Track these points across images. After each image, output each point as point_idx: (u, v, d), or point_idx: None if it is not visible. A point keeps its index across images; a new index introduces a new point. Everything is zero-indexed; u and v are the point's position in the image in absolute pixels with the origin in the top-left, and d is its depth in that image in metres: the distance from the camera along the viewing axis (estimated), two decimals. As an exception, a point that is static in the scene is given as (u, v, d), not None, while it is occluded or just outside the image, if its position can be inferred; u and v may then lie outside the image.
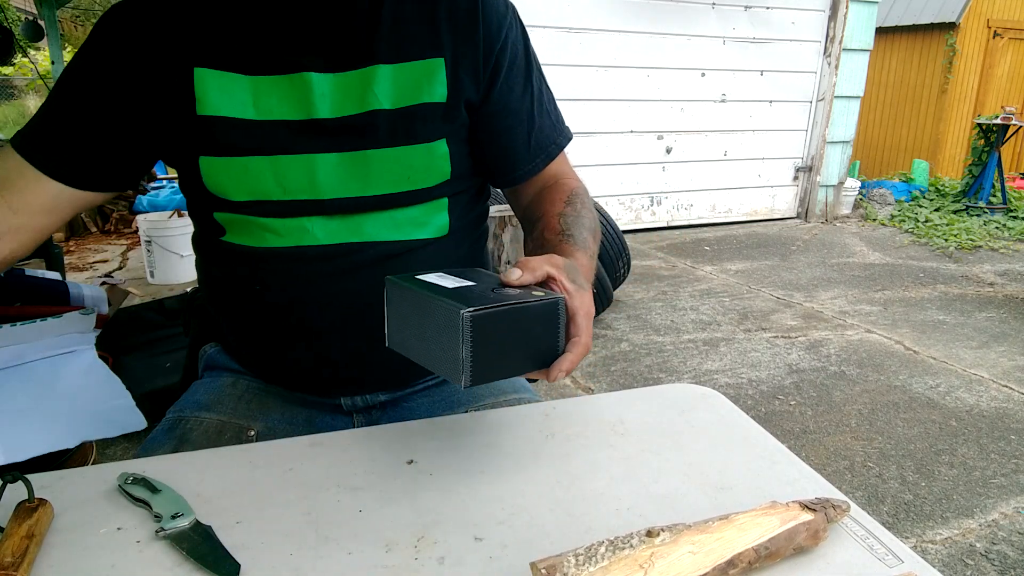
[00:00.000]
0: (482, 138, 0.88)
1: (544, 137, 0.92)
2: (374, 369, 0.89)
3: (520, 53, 0.89)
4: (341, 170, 0.80)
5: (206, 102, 0.77)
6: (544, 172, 0.93)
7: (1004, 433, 2.40)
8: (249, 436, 0.87)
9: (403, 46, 0.81)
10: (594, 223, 0.86)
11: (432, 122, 0.82)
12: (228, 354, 0.97)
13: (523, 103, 0.89)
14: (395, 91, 0.81)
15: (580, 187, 0.92)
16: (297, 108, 0.79)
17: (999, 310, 3.74)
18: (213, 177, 0.79)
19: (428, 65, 0.82)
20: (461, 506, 0.65)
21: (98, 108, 0.79)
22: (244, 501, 0.65)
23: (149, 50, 0.77)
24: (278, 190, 0.79)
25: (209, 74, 0.77)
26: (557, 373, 0.63)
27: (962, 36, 8.35)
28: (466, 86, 0.84)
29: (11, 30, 4.52)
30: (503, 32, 0.85)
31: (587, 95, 4.80)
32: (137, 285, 3.77)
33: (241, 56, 0.78)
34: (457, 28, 0.83)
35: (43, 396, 1.10)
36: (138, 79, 0.78)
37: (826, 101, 5.55)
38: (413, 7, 0.82)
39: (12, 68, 9.06)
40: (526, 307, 0.61)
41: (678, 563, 0.52)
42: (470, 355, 0.58)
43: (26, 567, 0.54)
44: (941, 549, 1.79)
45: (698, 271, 4.38)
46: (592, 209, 0.89)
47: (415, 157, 0.82)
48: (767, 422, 2.44)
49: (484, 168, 0.92)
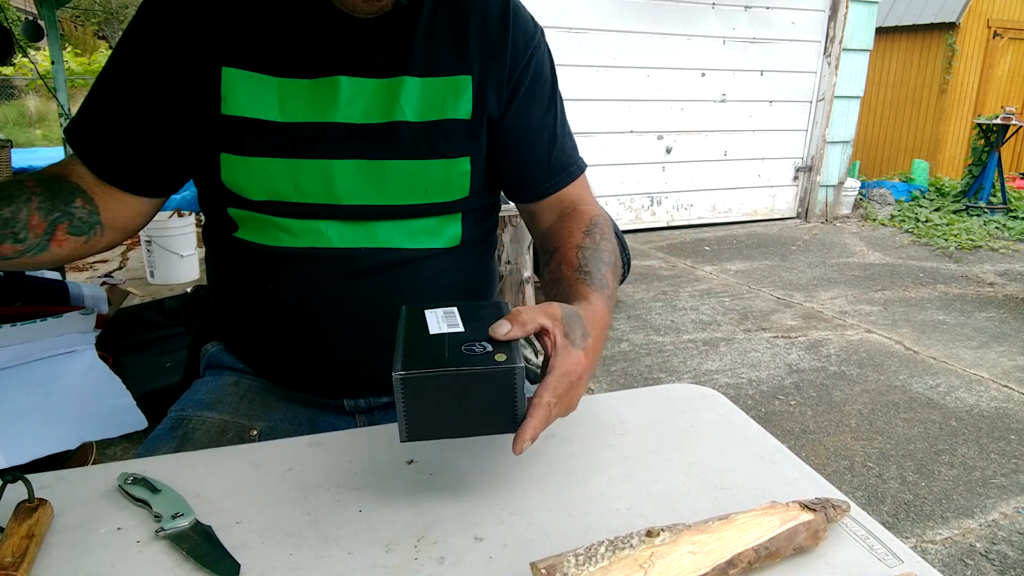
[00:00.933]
0: (502, 152, 0.88)
1: (565, 156, 0.92)
2: (379, 372, 0.89)
3: (546, 73, 0.90)
4: (359, 177, 0.81)
5: (231, 101, 0.78)
6: (563, 194, 0.92)
7: (1004, 433, 2.40)
8: (252, 436, 0.87)
9: (433, 61, 0.82)
10: (613, 256, 0.84)
11: (455, 139, 0.83)
12: (231, 353, 0.97)
13: (546, 120, 0.90)
14: (421, 104, 0.81)
15: (601, 215, 0.90)
16: (322, 112, 0.79)
17: (999, 310, 3.75)
18: (231, 174, 0.80)
19: (455, 82, 0.82)
20: (461, 506, 0.65)
21: (150, 111, 0.80)
22: (244, 501, 0.65)
23: (180, 44, 0.78)
24: (295, 192, 0.80)
25: (237, 74, 0.78)
26: (520, 445, 0.60)
27: (962, 36, 8.35)
28: (490, 102, 0.84)
29: (11, 30, 4.52)
30: (529, 50, 0.86)
31: (587, 95, 4.80)
32: (137, 285, 3.77)
33: (270, 58, 0.78)
34: (486, 45, 0.84)
35: (43, 397, 1.10)
36: (171, 73, 0.78)
37: (826, 101, 5.56)
38: (446, 21, 0.83)
39: (12, 68, 9.06)
40: (471, 374, 0.58)
41: (678, 563, 0.53)
42: (404, 412, 0.59)
43: (26, 567, 0.54)
44: (941, 549, 1.79)
45: (698, 271, 4.38)
46: (612, 239, 0.86)
47: (435, 171, 0.83)
48: (767, 422, 2.44)
49: (502, 182, 0.93)
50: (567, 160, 0.92)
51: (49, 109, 9.94)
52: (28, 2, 6.41)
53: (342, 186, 0.80)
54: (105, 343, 2.35)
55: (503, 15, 0.85)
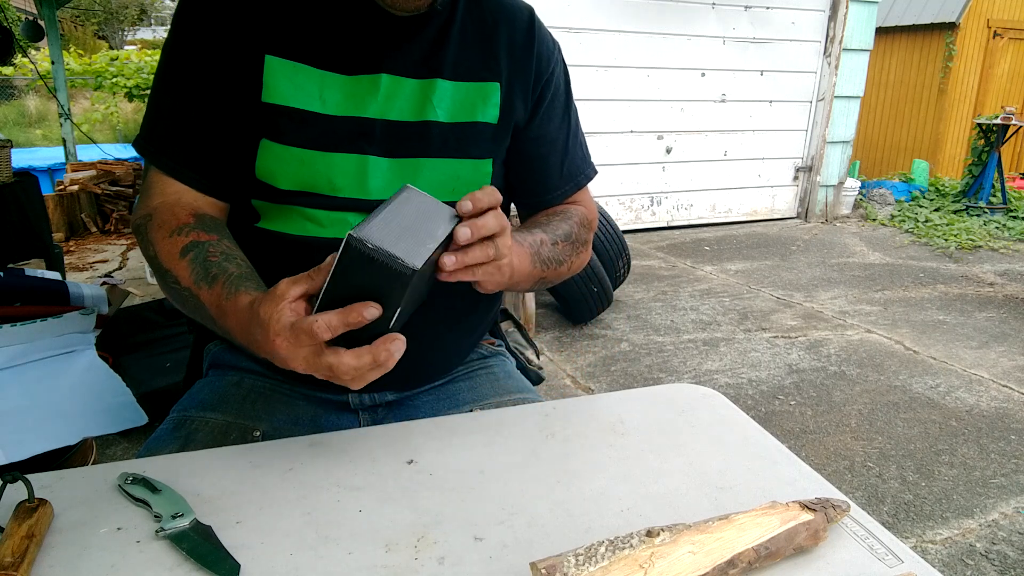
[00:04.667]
0: (518, 162, 0.94)
1: (575, 167, 0.98)
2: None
3: (562, 87, 0.95)
4: (391, 174, 0.83)
5: (273, 89, 0.79)
6: (566, 200, 0.99)
7: (1004, 433, 2.40)
8: (255, 436, 0.87)
9: (464, 66, 0.86)
10: (561, 229, 0.90)
11: (483, 141, 0.87)
12: (233, 352, 0.97)
13: (560, 133, 0.95)
14: (452, 107, 0.85)
15: (578, 210, 0.96)
16: (361, 107, 0.81)
17: (999, 310, 3.74)
18: (267, 162, 0.81)
19: (485, 88, 0.87)
20: (461, 506, 0.65)
21: (217, 105, 0.81)
22: (244, 501, 0.65)
23: (225, 30, 0.79)
24: (327, 185, 0.82)
25: (279, 63, 0.80)
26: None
27: (962, 36, 8.35)
28: (517, 111, 0.89)
29: (11, 30, 4.51)
30: (551, 66, 0.92)
31: (587, 95, 4.79)
32: (137, 285, 3.77)
33: (313, 50, 0.80)
34: (513, 57, 0.89)
35: (43, 396, 1.10)
36: (218, 61, 0.80)
37: (826, 101, 5.55)
38: (476, 31, 0.87)
39: (12, 68, 9.06)
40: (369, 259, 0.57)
41: (678, 563, 0.53)
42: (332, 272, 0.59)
43: (26, 567, 0.54)
44: (941, 549, 1.79)
45: (698, 271, 4.38)
46: (574, 223, 0.93)
47: (463, 170, 0.86)
48: (767, 422, 2.44)
49: (515, 190, 0.97)
50: (576, 170, 0.98)
51: (49, 109, 9.93)
52: (28, 2, 6.41)
53: (374, 181, 0.82)
54: (105, 343, 2.35)
55: (529, 30, 0.90)
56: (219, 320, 0.71)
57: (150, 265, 0.79)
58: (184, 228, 0.77)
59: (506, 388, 0.96)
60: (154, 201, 0.81)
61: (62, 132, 5.65)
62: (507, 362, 1.05)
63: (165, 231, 0.77)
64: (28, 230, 2.75)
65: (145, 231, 0.79)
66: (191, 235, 0.77)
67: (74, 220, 4.98)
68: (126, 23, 15.20)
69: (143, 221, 0.80)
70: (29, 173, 3.10)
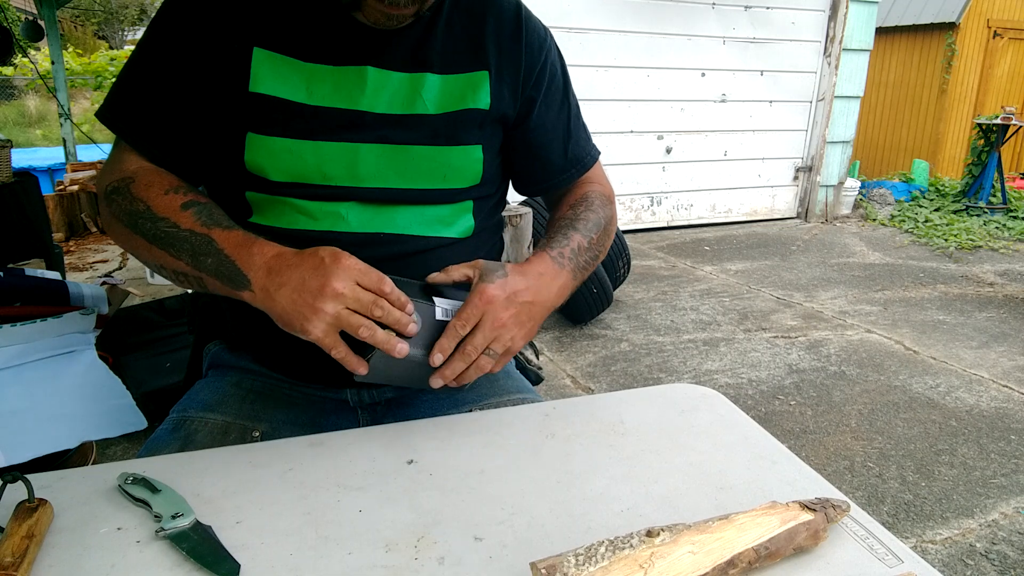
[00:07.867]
0: (524, 150, 0.95)
1: (579, 149, 0.99)
2: None
3: (559, 72, 0.96)
4: (382, 161, 0.84)
5: (260, 80, 0.80)
6: (578, 180, 1.00)
7: (1004, 433, 2.40)
8: (254, 437, 0.87)
9: (452, 59, 0.86)
10: (592, 222, 0.92)
11: (473, 128, 0.88)
12: (233, 352, 0.97)
13: (560, 119, 0.96)
14: (441, 99, 0.85)
15: (594, 191, 0.98)
16: (349, 99, 0.82)
17: (999, 310, 3.74)
18: (255, 154, 0.81)
19: (473, 77, 0.87)
20: (461, 506, 0.65)
21: (185, 90, 0.81)
22: (244, 501, 0.65)
23: (213, 21, 0.80)
24: (318, 174, 0.82)
25: (267, 55, 0.80)
26: (432, 359, 0.73)
27: (962, 36, 8.35)
28: (506, 100, 0.90)
29: (11, 30, 4.52)
30: (543, 54, 0.93)
31: (587, 95, 4.79)
32: (137, 285, 3.77)
33: (300, 43, 0.81)
34: (501, 47, 0.89)
35: (43, 396, 1.10)
36: (202, 51, 0.80)
37: (826, 101, 5.55)
38: (462, 23, 0.88)
39: (12, 68, 9.06)
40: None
41: (678, 563, 0.53)
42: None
43: (26, 567, 0.54)
44: (941, 549, 1.79)
45: (698, 271, 4.38)
46: (597, 209, 0.94)
47: (453, 157, 0.87)
48: (767, 422, 2.44)
49: (522, 178, 0.99)
50: (581, 152, 0.99)
51: (49, 109, 9.93)
52: (28, 2, 6.41)
53: (365, 168, 0.83)
54: (105, 343, 2.35)
55: (515, 20, 0.91)
56: (232, 251, 0.72)
57: (128, 221, 0.77)
58: (180, 188, 0.78)
59: (506, 388, 0.96)
60: (130, 166, 0.81)
61: (62, 132, 5.66)
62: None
63: (158, 189, 0.77)
64: (28, 230, 2.75)
65: (127, 191, 0.78)
66: (189, 195, 0.77)
67: (74, 220, 4.98)
68: (126, 23, 15.19)
69: (121, 184, 0.79)
70: (29, 173, 3.09)
